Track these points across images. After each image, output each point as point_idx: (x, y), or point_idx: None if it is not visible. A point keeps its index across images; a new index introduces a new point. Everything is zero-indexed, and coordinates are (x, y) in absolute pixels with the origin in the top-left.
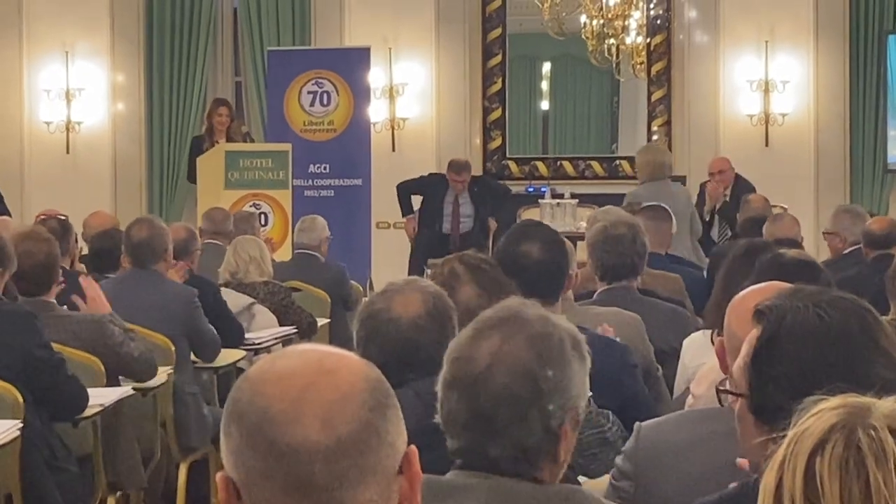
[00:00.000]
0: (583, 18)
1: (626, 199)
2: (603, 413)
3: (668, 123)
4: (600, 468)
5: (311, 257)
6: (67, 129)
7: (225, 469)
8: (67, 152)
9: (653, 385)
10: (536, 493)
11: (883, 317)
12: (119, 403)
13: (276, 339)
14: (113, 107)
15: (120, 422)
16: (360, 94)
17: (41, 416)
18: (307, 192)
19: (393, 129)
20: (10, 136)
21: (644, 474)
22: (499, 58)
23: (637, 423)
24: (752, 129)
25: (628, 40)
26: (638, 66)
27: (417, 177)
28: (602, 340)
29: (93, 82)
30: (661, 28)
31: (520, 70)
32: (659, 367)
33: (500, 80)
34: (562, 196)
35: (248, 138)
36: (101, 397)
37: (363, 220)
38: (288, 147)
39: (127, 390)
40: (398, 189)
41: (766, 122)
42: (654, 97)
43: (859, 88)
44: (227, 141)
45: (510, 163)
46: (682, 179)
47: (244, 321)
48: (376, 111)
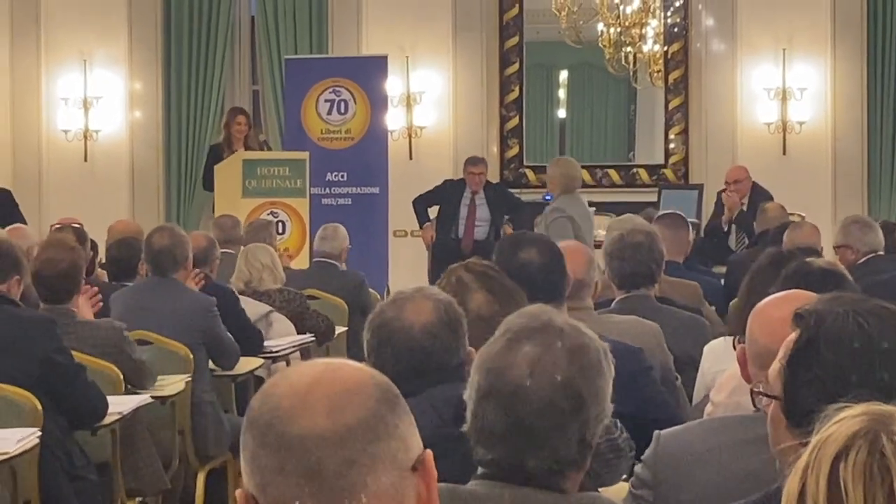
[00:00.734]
0: (600, 27)
1: (550, 213)
2: (612, 420)
3: (685, 132)
4: (614, 476)
5: (331, 266)
6: (85, 138)
7: (243, 484)
8: (85, 160)
9: (672, 393)
10: (560, 502)
11: None
12: (137, 411)
13: (295, 346)
14: (130, 115)
15: (138, 430)
16: (378, 103)
17: (60, 424)
18: (324, 201)
19: (410, 137)
20: (28, 144)
21: (664, 482)
22: (516, 66)
23: (656, 432)
24: (770, 138)
25: (645, 48)
26: (655, 75)
27: (432, 188)
28: (616, 346)
29: (110, 90)
30: (679, 36)
31: (537, 78)
32: (678, 375)
33: (517, 89)
34: None
35: (265, 146)
36: (119, 405)
37: (380, 229)
38: (305, 155)
39: (145, 398)
40: (414, 203)
41: (784, 130)
42: (672, 105)
43: (877, 96)
44: (246, 149)
45: (527, 171)
46: (700, 188)
47: (262, 329)
48: (393, 119)
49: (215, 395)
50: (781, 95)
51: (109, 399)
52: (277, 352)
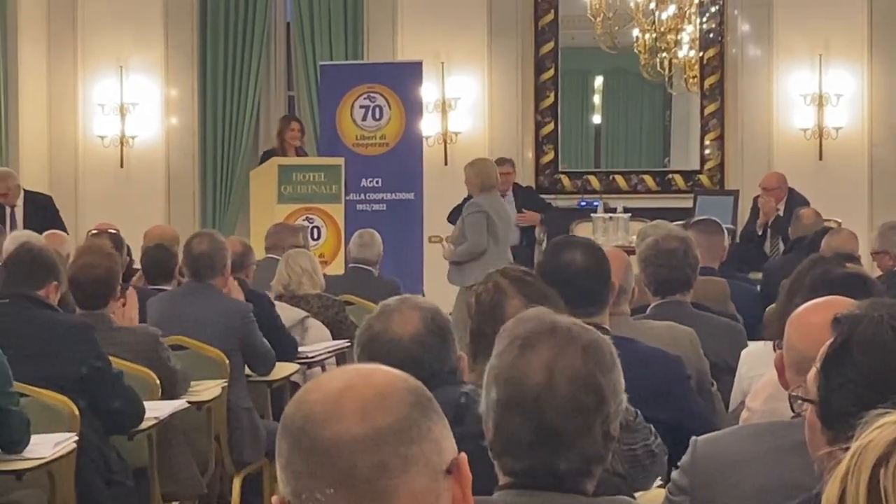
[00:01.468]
0: (635, 32)
1: (467, 207)
2: (647, 426)
3: (720, 137)
4: (649, 480)
5: (366, 272)
6: (121, 144)
7: (279, 490)
8: (121, 166)
9: (707, 400)
10: None
11: None
12: (173, 417)
13: (330, 352)
14: (167, 121)
15: (174, 435)
16: (413, 109)
17: (97, 429)
18: (359, 206)
19: (445, 142)
20: (65, 150)
21: (700, 489)
22: (551, 72)
23: (693, 438)
24: (806, 143)
25: (681, 54)
26: (690, 80)
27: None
28: (656, 353)
29: (147, 97)
30: (714, 42)
31: (572, 84)
32: (714, 382)
33: (552, 94)
34: (614, 210)
35: (300, 152)
36: (156, 410)
37: (415, 234)
38: (340, 161)
39: (182, 403)
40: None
41: (820, 136)
42: (707, 111)
43: None
44: (298, 156)
45: (562, 177)
46: (736, 194)
47: (297, 335)
48: (428, 125)
49: (251, 400)
50: (818, 101)
51: (146, 404)
52: (313, 357)
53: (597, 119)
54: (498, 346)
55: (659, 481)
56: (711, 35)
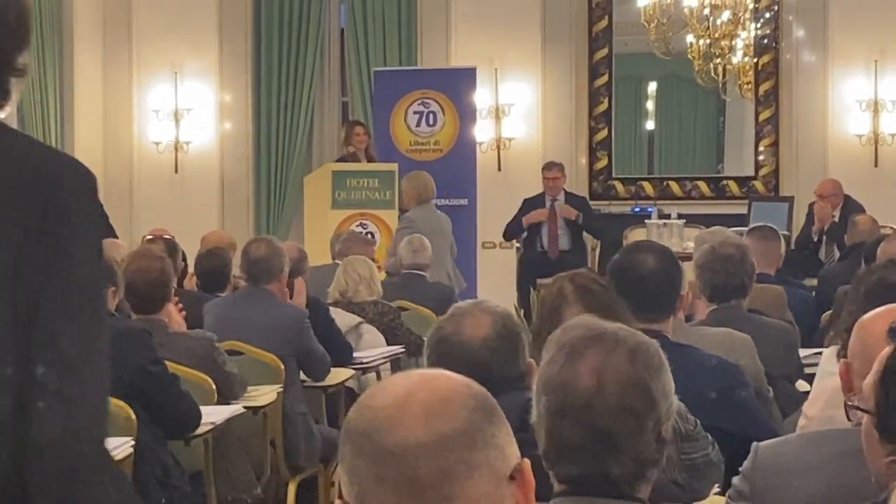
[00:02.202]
0: (689, 38)
1: (399, 222)
2: (706, 435)
3: (775, 144)
4: (707, 487)
5: (419, 277)
6: (176, 149)
7: (343, 494)
8: (176, 172)
9: (764, 406)
10: None
11: None
12: (229, 421)
13: (384, 358)
14: (221, 126)
15: (230, 440)
16: (466, 115)
17: (154, 434)
18: None
19: (499, 148)
20: (120, 156)
21: (761, 495)
22: (605, 78)
23: (755, 444)
24: (861, 150)
25: (735, 60)
26: (745, 86)
27: (514, 215)
28: (713, 359)
29: (201, 102)
30: (769, 48)
31: (626, 90)
32: (770, 388)
33: (606, 100)
34: (668, 216)
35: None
36: (212, 415)
37: (469, 240)
38: (394, 167)
39: (238, 408)
40: (505, 236)
41: (875, 142)
42: (762, 117)
43: None
44: (367, 160)
45: (616, 183)
46: (790, 200)
47: (352, 340)
48: (482, 131)
49: (306, 406)
50: (873, 107)
51: (202, 409)
52: (367, 363)
53: (650, 125)
54: (546, 354)
55: (717, 488)
56: (766, 41)
